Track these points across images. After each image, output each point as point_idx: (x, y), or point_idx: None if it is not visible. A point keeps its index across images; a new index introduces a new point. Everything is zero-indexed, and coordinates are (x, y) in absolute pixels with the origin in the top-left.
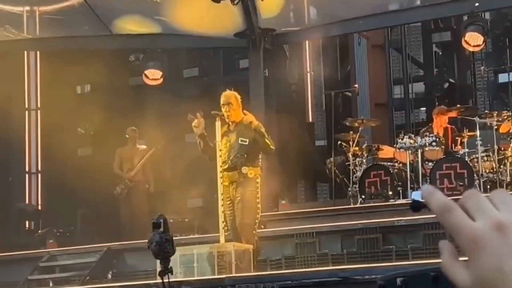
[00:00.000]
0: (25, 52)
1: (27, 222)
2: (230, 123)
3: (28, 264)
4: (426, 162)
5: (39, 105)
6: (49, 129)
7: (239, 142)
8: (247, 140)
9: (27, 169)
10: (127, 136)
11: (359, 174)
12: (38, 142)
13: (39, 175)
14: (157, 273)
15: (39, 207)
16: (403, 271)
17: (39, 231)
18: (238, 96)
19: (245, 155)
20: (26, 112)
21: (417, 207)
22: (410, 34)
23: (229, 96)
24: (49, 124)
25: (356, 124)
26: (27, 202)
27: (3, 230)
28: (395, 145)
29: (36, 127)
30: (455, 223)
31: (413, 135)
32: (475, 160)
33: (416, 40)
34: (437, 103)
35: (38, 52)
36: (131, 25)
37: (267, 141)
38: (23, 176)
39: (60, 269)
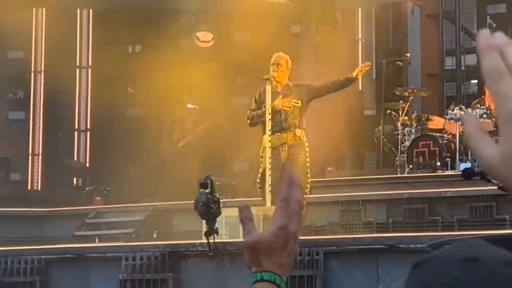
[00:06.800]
0: (78, 10)
1: (74, 179)
2: (276, 84)
3: (75, 220)
4: None
5: (90, 63)
6: (99, 87)
7: (293, 103)
8: (300, 102)
9: (76, 126)
10: (175, 98)
11: (407, 143)
12: (88, 100)
13: (88, 133)
14: (203, 233)
15: (87, 165)
16: (452, 239)
17: (87, 188)
18: (289, 61)
19: (298, 117)
20: (77, 70)
21: (469, 174)
22: (464, 5)
23: (280, 57)
24: (99, 82)
25: (407, 94)
26: (75, 159)
27: (51, 186)
28: (445, 116)
29: (86, 85)
30: (503, 91)
31: (463, 107)
32: None
33: (470, 11)
34: None
35: (91, 10)
36: None
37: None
38: (72, 133)
39: (106, 226)
